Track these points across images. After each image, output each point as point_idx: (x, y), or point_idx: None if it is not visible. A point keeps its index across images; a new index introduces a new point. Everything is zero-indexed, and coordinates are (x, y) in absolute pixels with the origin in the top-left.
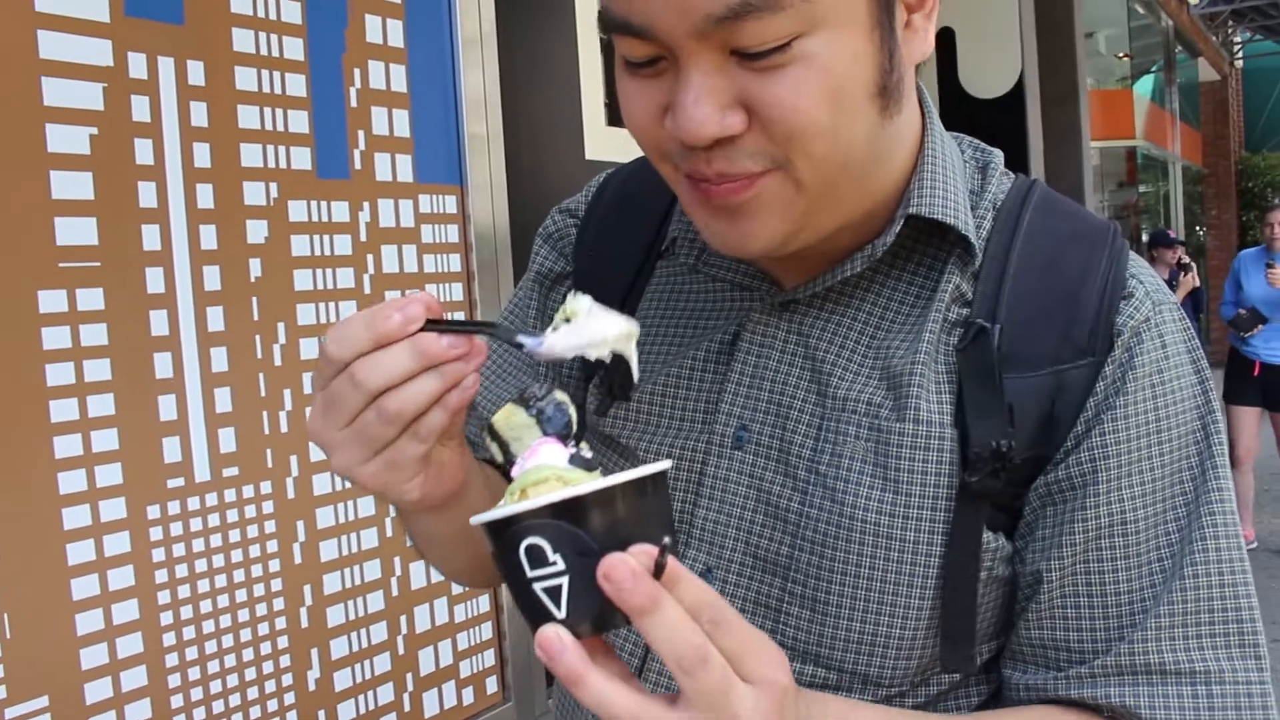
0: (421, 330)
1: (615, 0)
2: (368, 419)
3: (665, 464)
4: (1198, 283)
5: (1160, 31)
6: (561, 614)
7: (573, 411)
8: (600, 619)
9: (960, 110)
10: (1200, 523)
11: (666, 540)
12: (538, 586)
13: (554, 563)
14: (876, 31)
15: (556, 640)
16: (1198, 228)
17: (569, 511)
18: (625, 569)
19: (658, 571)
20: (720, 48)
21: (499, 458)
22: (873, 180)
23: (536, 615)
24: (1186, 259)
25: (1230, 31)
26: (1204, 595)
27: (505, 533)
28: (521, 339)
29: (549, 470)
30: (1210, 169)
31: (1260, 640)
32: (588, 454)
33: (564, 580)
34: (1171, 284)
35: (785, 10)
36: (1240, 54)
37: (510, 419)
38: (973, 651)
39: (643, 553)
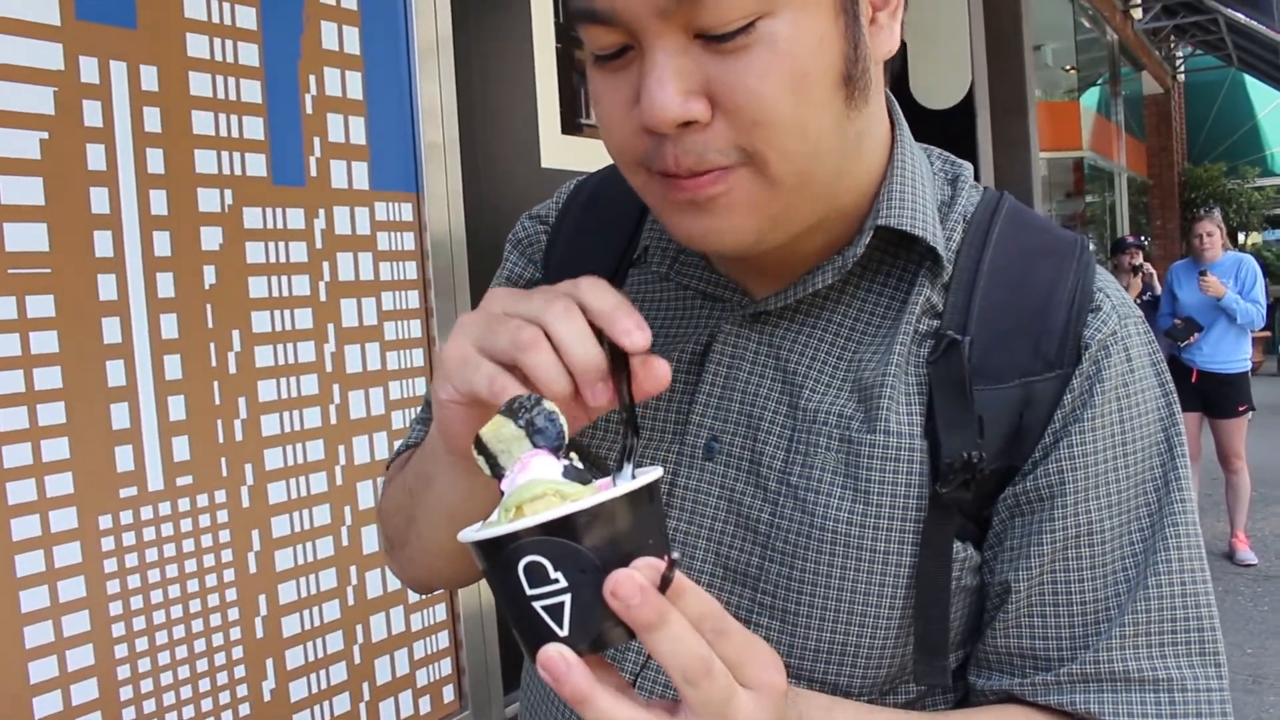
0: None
1: None
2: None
3: (657, 471)
4: (1141, 288)
5: (1106, 45)
6: (564, 632)
7: (563, 421)
8: (602, 636)
9: (912, 121)
10: (1164, 533)
11: (676, 555)
12: (538, 605)
13: (555, 580)
14: (841, 18)
15: (561, 660)
16: (1142, 237)
17: (573, 527)
18: (633, 585)
19: (663, 585)
20: (684, 30)
21: (486, 471)
22: (844, 177)
23: (536, 635)
24: (1139, 262)
25: (1173, 46)
26: (1167, 604)
27: (504, 551)
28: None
29: (546, 485)
30: (1154, 180)
31: (1220, 648)
32: (579, 464)
33: (566, 598)
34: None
35: None
36: (1182, 68)
37: (499, 431)
38: (946, 662)
39: (648, 566)
